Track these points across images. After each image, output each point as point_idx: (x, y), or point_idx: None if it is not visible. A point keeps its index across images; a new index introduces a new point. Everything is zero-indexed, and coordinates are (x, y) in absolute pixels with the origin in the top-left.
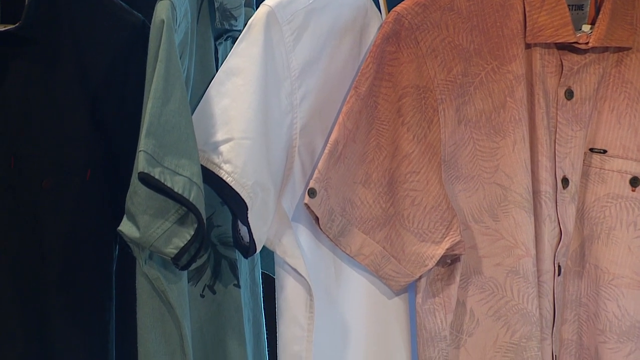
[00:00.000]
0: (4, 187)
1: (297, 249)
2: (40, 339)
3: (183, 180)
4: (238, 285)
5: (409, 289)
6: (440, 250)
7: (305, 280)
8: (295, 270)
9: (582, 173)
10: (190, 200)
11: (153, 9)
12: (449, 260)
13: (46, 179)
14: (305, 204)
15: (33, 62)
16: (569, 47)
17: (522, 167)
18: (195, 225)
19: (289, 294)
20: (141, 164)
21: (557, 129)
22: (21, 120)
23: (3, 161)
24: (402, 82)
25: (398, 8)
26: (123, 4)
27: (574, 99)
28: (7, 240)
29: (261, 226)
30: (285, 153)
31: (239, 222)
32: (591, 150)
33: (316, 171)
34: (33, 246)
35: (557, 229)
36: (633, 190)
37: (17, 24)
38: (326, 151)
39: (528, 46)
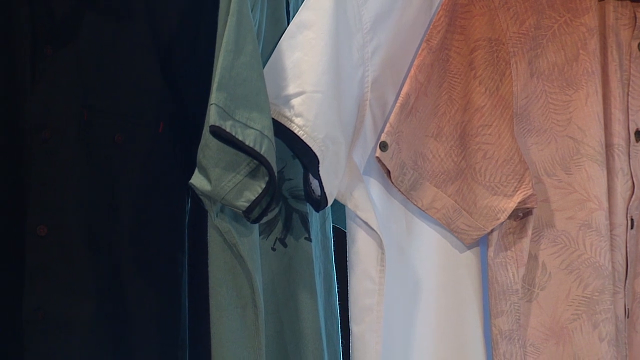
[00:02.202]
0: (76, 141)
1: (368, 203)
2: (113, 293)
3: (254, 133)
4: (309, 239)
5: (481, 243)
6: (512, 204)
7: (377, 233)
8: (366, 223)
9: None
10: (262, 153)
11: None
12: (521, 214)
13: (119, 133)
14: (377, 158)
15: (105, 15)
16: None
17: (594, 119)
18: (267, 179)
19: (360, 248)
20: (212, 117)
21: (630, 82)
22: (94, 74)
23: (76, 115)
24: (474, 35)
25: None
26: None
27: None
28: (80, 194)
29: (332, 179)
30: (356, 106)
31: (310, 176)
32: None
33: (388, 124)
34: (106, 200)
35: (629, 182)
36: None
37: None
38: (398, 104)
39: None
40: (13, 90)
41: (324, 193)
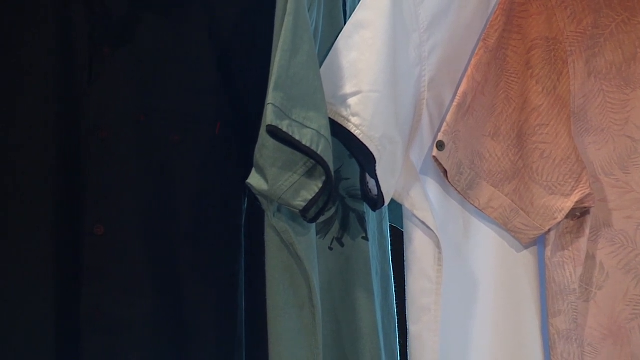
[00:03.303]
0: (133, 141)
1: (425, 202)
2: (170, 293)
3: (311, 133)
4: (366, 238)
5: (538, 242)
6: (569, 203)
7: (434, 233)
8: (423, 223)
9: None
10: (318, 152)
11: None
12: (579, 213)
13: (176, 133)
14: (434, 157)
15: (163, 15)
16: None
17: None
18: (324, 178)
19: (418, 247)
20: (269, 116)
21: None
22: (151, 74)
23: (133, 115)
24: (531, 34)
25: None
26: None
27: None
28: (137, 194)
29: (389, 179)
30: (413, 106)
31: (367, 175)
32: None
33: (444, 124)
34: (162, 200)
35: None
36: None
37: None
38: (455, 104)
39: None
40: (71, 90)
41: (381, 192)
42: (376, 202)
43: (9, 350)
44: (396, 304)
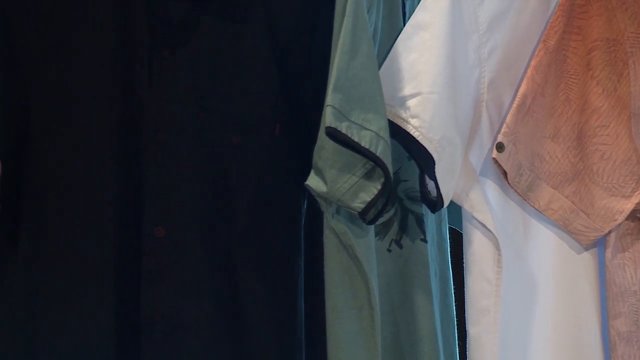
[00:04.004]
0: (193, 143)
1: (485, 204)
2: (230, 295)
3: (370, 135)
4: (425, 240)
5: (598, 244)
6: (630, 205)
7: (493, 235)
8: (483, 225)
9: None
10: (377, 154)
11: None
12: (639, 215)
13: (235, 134)
14: (493, 158)
15: (223, 17)
16: None
17: None
18: (382, 180)
19: (477, 249)
20: (328, 118)
21: None
22: (211, 76)
23: (193, 117)
24: (591, 35)
25: None
26: None
27: None
28: (196, 196)
29: (448, 180)
30: (472, 107)
31: (426, 177)
32: None
33: (504, 125)
34: (222, 202)
35: None
36: None
37: None
38: (514, 105)
39: None
40: (131, 93)
41: (440, 194)
42: (435, 203)
43: (70, 352)
44: (455, 306)
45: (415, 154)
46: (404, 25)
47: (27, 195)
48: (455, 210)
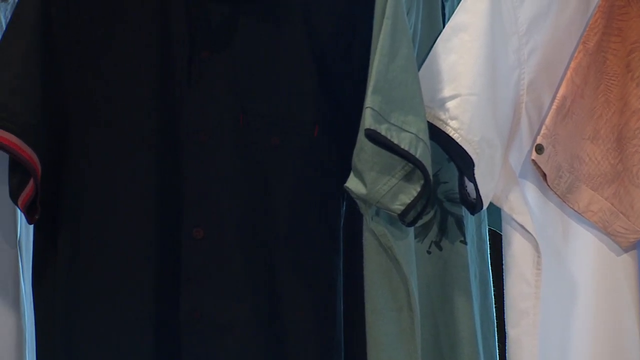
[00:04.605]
0: (232, 144)
1: (524, 206)
2: (269, 295)
3: (409, 137)
4: (465, 242)
5: (638, 246)
6: None
7: (533, 237)
8: (522, 226)
9: None
10: (417, 156)
11: None
12: None
13: (275, 136)
14: (533, 160)
15: (263, 19)
16: None
17: None
18: (422, 182)
19: (516, 251)
20: (368, 120)
21: None
22: (250, 77)
23: (232, 118)
24: (631, 37)
25: None
26: None
27: None
28: (235, 197)
29: (488, 182)
30: (512, 109)
31: (466, 179)
32: None
33: (544, 127)
34: (261, 203)
35: None
36: None
37: None
38: (554, 107)
39: None
40: (171, 94)
41: (480, 196)
42: (475, 205)
43: (109, 353)
44: (495, 307)
45: (454, 155)
46: (444, 27)
47: (67, 196)
48: (495, 212)
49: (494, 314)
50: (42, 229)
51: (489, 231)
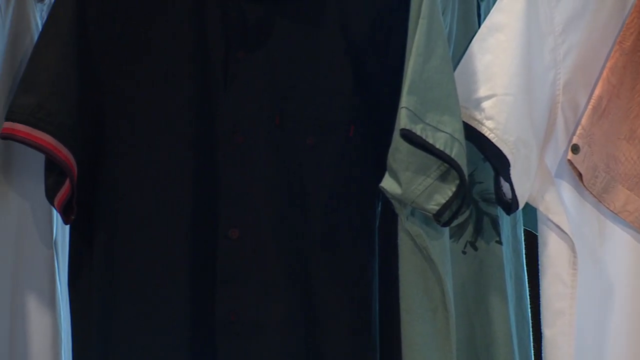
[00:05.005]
0: (268, 145)
1: (560, 206)
2: (304, 296)
3: (445, 137)
4: (500, 242)
5: None
6: None
7: (569, 237)
8: (558, 227)
9: None
10: (452, 156)
11: None
12: None
13: (310, 136)
14: (569, 160)
15: (299, 19)
16: None
17: None
18: (457, 182)
19: (552, 251)
20: (403, 120)
21: None
22: (286, 77)
23: (268, 119)
24: None
25: None
26: None
27: None
28: (271, 198)
29: (524, 182)
30: (547, 109)
31: (502, 179)
32: None
33: (579, 127)
34: (297, 203)
35: None
36: None
37: None
38: (590, 107)
39: None
40: (207, 94)
41: (515, 196)
42: (510, 205)
43: (146, 351)
44: (530, 308)
45: (490, 155)
46: (479, 27)
47: (103, 196)
48: (531, 212)
49: (530, 314)
50: (78, 229)
51: (524, 231)
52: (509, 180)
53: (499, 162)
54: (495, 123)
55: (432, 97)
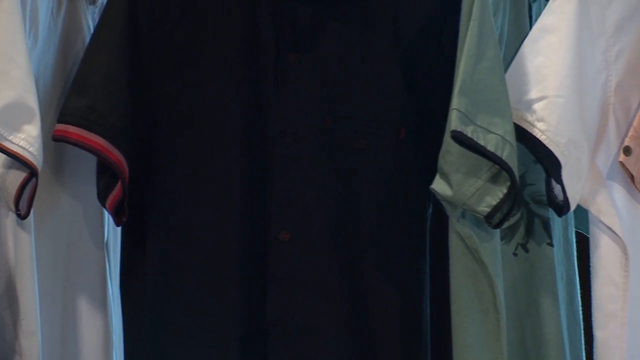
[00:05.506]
0: (318, 147)
1: (612, 208)
2: (356, 298)
3: (496, 139)
4: (551, 244)
5: None
6: None
7: (620, 239)
8: (610, 229)
9: None
10: (503, 158)
11: None
12: None
13: (361, 139)
14: (620, 162)
15: (349, 21)
16: None
17: None
18: (508, 184)
19: (604, 253)
20: (454, 122)
21: None
22: (336, 79)
23: (318, 121)
24: None
25: None
26: None
27: None
28: (321, 200)
29: (575, 184)
30: (599, 110)
31: (553, 181)
32: None
33: (631, 129)
34: (347, 206)
35: None
36: None
37: None
38: None
39: None
40: (257, 96)
41: (567, 198)
42: (562, 207)
43: (197, 353)
44: (582, 310)
45: (541, 157)
46: (530, 29)
47: (154, 198)
48: (582, 213)
49: (581, 317)
50: (130, 231)
51: (575, 233)
52: (560, 182)
53: (550, 164)
54: (546, 125)
55: (483, 99)
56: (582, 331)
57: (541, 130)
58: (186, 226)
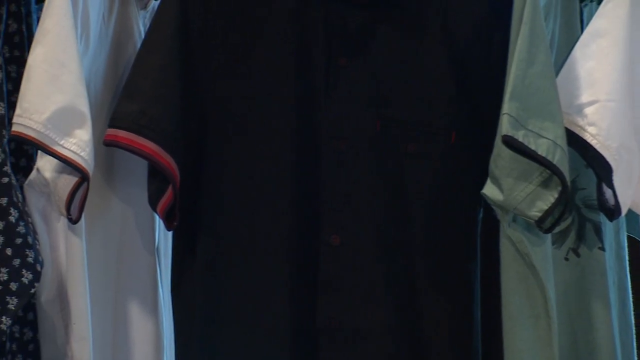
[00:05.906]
0: (369, 151)
1: None
2: (406, 303)
3: (547, 143)
4: (603, 249)
5: None
6: None
7: None
8: None
9: None
10: (554, 162)
11: None
12: None
13: (411, 143)
14: None
15: (399, 26)
16: None
17: None
18: (559, 188)
19: None
20: (505, 126)
21: None
22: (387, 84)
23: (369, 125)
24: None
25: None
26: None
27: None
28: (372, 204)
29: (626, 188)
30: None
31: (604, 185)
32: None
33: None
34: (398, 209)
35: None
36: None
37: None
38: None
39: None
40: (309, 100)
41: (618, 202)
42: (613, 212)
43: (247, 357)
44: (634, 315)
45: (592, 162)
46: (582, 33)
47: (205, 203)
48: (634, 218)
49: (633, 321)
50: (181, 235)
51: (627, 237)
52: (611, 186)
53: (601, 168)
54: (597, 129)
55: (534, 103)
56: (634, 336)
57: (592, 135)
58: (236, 231)
